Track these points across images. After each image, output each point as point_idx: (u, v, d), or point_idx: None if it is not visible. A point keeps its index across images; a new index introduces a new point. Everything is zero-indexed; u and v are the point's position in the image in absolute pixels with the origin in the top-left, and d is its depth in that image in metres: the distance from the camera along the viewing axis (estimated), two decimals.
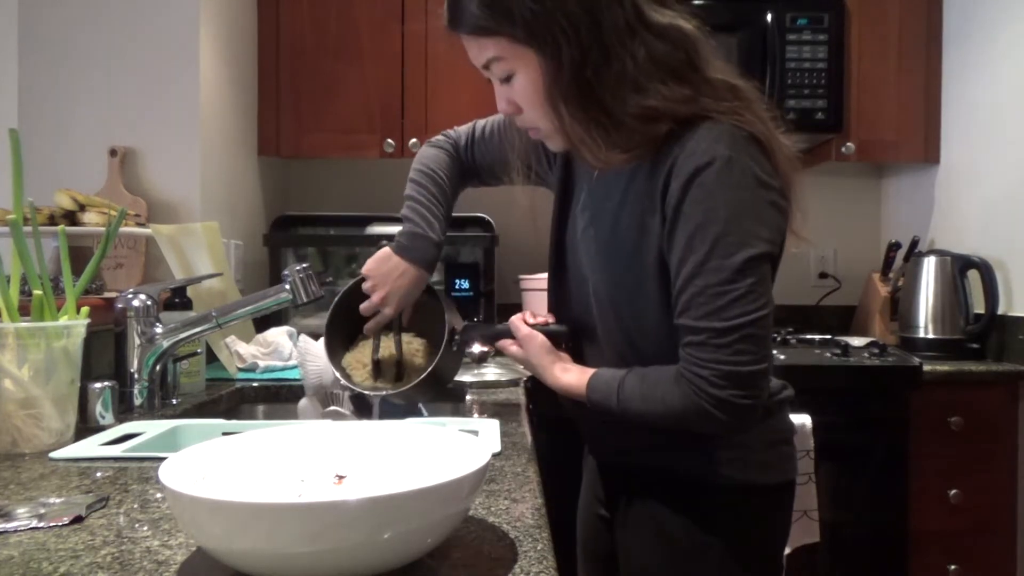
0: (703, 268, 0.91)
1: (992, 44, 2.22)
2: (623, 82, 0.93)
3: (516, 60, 0.96)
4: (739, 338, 0.90)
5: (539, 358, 1.10)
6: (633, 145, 0.95)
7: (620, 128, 0.94)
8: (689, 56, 0.95)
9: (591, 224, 1.06)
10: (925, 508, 2.03)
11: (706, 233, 0.90)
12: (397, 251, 1.21)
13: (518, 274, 2.34)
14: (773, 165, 0.94)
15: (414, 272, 1.21)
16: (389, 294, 1.21)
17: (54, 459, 1.03)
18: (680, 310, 0.93)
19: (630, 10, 0.93)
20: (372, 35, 2.34)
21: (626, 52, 0.92)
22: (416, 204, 1.23)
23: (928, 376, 2.01)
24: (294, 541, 0.57)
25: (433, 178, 1.24)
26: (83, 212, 1.66)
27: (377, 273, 1.22)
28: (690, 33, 0.96)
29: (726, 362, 0.90)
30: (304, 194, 2.70)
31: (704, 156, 0.91)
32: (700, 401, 0.91)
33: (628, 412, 0.98)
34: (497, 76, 1.00)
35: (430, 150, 1.28)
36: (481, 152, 1.28)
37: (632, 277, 0.99)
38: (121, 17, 1.90)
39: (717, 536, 1.02)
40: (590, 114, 0.94)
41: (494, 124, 1.27)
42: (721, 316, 0.90)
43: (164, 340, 1.39)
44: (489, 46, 0.97)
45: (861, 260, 2.75)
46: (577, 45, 0.91)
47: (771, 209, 0.93)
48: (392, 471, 0.78)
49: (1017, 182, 2.13)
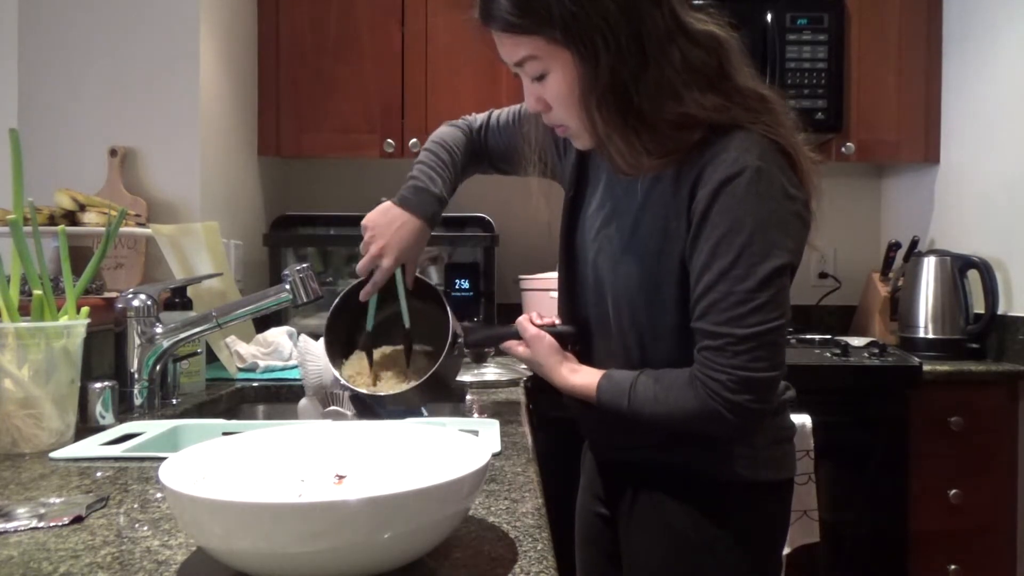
0: (727, 275, 0.92)
1: (992, 44, 2.22)
2: (661, 88, 0.93)
3: (551, 60, 0.95)
4: (757, 345, 0.91)
5: (547, 359, 1.11)
6: (665, 152, 0.96)
7: (654, 134, 0.95)
8: (721, 63, 0.96)
9: (609, 224, 1.06)
10: (925, 508, 2.03)
11: (732, 241, 0.92)
12: (398, 203, 1.21)
13: (518, 274, 2.34)
14: (799, 176, 0.96)
15: (415, 223, 1.20)
16: (388, 245, 1.18)
17: (54, 459, 1.03)
18: (699, 314, 0.95)
19: (668, 15, 0.93)
20: (372, 35, 2.34)
21: (664, 58, 0.92)
22: (423, 166, 1.23)
23: (928, 376, 2.01)
24: (294, 541, 0.57)
25: (444, 148, 1.25)
26: (83, 212, 1.66)
27: (375, 224, 1.20)
28: (724, 40, 0.97)
29: (743, 368, 0.92)
30: (304, 194, 2.70)
31: (734, 165, 0.92)
32: (715, 404, 0.93)
33: (639, 414, 0.99)
34: (530, 75, 0.99)
35: (446, 128, 1.29)
36: (494, 139, 1.28)
37: (652, 279, 1.00)
38: (121, 17, 1.90)
39: (725, 531, 1.04)
40: (625, 119, 0.94)
41: (510, 114, 1.28)
42: (741, 323, 0.91)
43: (164, 340, 1.39)
44: (524, 45, 0.96)
45: (861, 260, 2.75)
46: (616, 49, 0.91)
47: (796, 221, 0.95)
48: (392, 471, 0.78)
49: (1017, 182, 2.13)
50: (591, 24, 0.91)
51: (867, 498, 2.01)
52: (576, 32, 0.91)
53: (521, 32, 0.95)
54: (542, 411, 1.77)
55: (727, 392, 0.92)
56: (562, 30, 0.92)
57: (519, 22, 0.94)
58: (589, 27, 0.91)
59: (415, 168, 1.23)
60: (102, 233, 1.50)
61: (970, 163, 2.33)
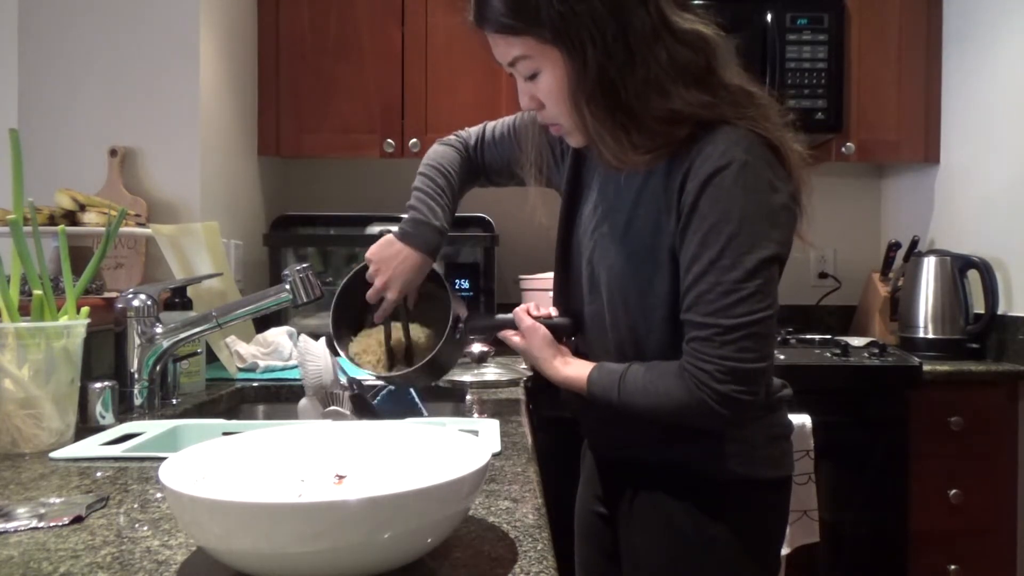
0: (714, 266, 0.93)
1: (992, 44, 2.22)
2: (647, 85, 0.95)
3: (542, 59, 0.98)
4: (744, 336, 0.92)
5: (541, 351, 1.12)
6: (654, 147, 0.98)
7: (642, 130, 0.97)
8: (709, 61, 0.98)
9: (604, 221, 1.08)
10: (925, 508, 2.03)
11: (720, 232, 0.93)
12: (399, 237, 1.24)
13: (518, 274, 2.35)
14: (786, 170, 0.98)
15: (416, 257, 1.23)
16: (391, 279, 1.22)
17: (54, 459, 1.03)
18: (687, 305, 0.96)
19: (654, 14, 0.95)
20: (372, 35, 2.34)
21: (650, 55, 0.95)
22: (421, 194, 1.25)
23: (928, 376, 2.01)
24: (294, 541, 0.57)
25: (441, 172, 1.26)
26: (83, 212, 1.66)
27: (379, 258, 1.24)
28: (710, 38, 0.98)
29: (730, 358, 0.93)
30: (304, 194, 2.70)
31: (722, 159, 0.94)
32: (702, 395, 0.94)
33: (629, 405, 1.01)
34: (522, 74, 1.02)
35: (440, 147, 1.30)
36: (490, 152, 1.30)
37: (644, 274, 1.02)
38: (121, 17, 1.90)
39: (724, 528, 1.05)
40: (613, 115, 0.96)
41: (505, 126, 1.29)
42: (728, 314, 0.92)
43: (164, 340, 1.39)
44: (516, 45, 0.99)
45: (861, 260, 2.75)
46: (603, 47, 0.93)
47: (783, 212, 0.96)
48: (392, 471, 0.78)
49: (1017, 182, 2.13)
50: (579, 23, 0.93)
51: (867, 498, 2.01)
52: (564, 31, 0.94)
53: (513, 33, 0.98)
54: (542, 411, 1.77)
55: (715, 382, 0.93)
56: (551, 29, 0.94)
57: (511, 23, 0.97)
58: (577, 26, 0.93)
59: (413, 196, 1.25)
60: (102, 233, 1.50)
61: (970, 163, 2.33)
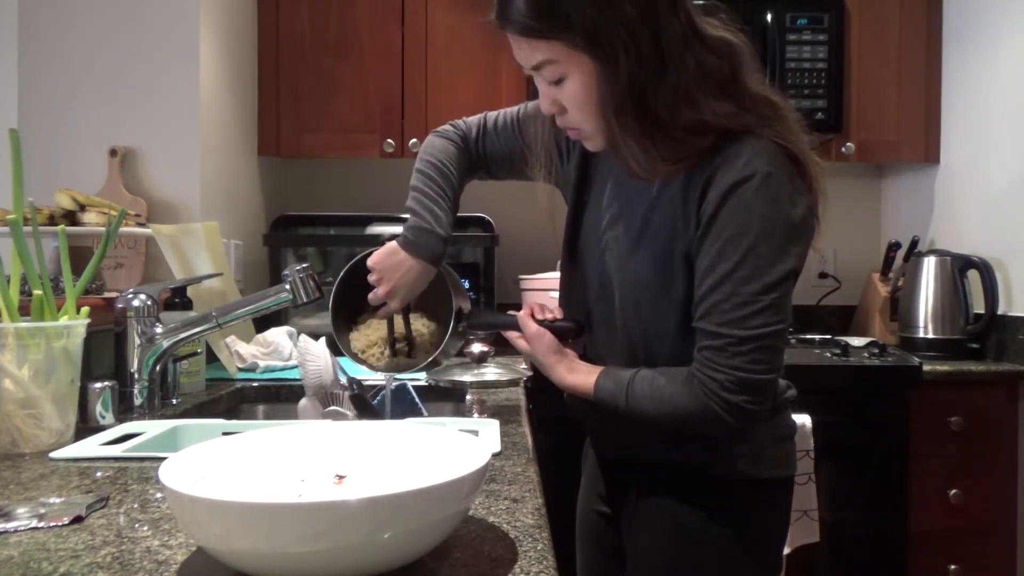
0: (731, 277, 0.93)
1: (992, 44, 2.22)
2: (678, 95, 0.93)
3: (570, 65, 0.95)
4: (757, 347, 0.93)
5: (546, 357, 1.11)
6: (680, 156, 0.96)
7: (669, 140, 0.95)
8: (734, 69, 0.97)
9: (616, 224, 1.06)
10: (925, 508, 2.03)
11: (738, 244, 0.93)
12: (403, 246, 1.20)
13: (518, 274, 2.34)
14: (806, 182, 0.97)
15: (420, 267, 1.20)
16: (394, 289, 1.20)
17: (54, 459, 1.03)
18: (701, 314, 0.96)
19: (685, 21, 0.94)
20: (372, 35, 2.34)
21: (681, 64, 0.93)
22: (422, 196, 1.20)
23: (928, 376, 2.01)
24: (294, 541, 0.57)
25: (440, 169, 1.21)
26: (83, 212, 1.66)
27: (383, 267, 1.21)
28: (736, 45, 0.97)
29: (741, 368, 0.93)
30: (304, 194, 2.70)
31: (745, 170, 0.93)
32: (710, 403, 0.94)
33: (636, 411, 1.00)
34: (547, 79, 0.99)
35: (438, 140, 1.25)
36: (492, 145, 1.25)
37: (659, 278, 1.01)
38: (121, 17, 1.90)
39: (728, 527, 1.05)
40: (642, 125, 0.94)
41: (507, 117, 1.24)
42: (743, 325, 0.92)
43: (164, 340, 1.39)
44: (541, 49, 0.95)
45: (861, 260, 2.75)
46: (636, 55, 0.91)
47: (802, 226, 0.96)
48: (392, 471, 0.78)
49: (1017, 182, 2.13)
50: (612, 30, 0.90)
51: (867, 498, 2.01)
52: (597, 38, 0.91)
53: (538, 36, 0.94)
54: (542, 411, 1.77)
55: (725, 392, 0.93)
56: (583, 35, 0.91)
57: (537, 26, 0.93)
58: (610, 33, 0.91)
59: (412, 198, 1.21)
60: (102, 233, 1.50)
61: (970, 163, 2.33)
